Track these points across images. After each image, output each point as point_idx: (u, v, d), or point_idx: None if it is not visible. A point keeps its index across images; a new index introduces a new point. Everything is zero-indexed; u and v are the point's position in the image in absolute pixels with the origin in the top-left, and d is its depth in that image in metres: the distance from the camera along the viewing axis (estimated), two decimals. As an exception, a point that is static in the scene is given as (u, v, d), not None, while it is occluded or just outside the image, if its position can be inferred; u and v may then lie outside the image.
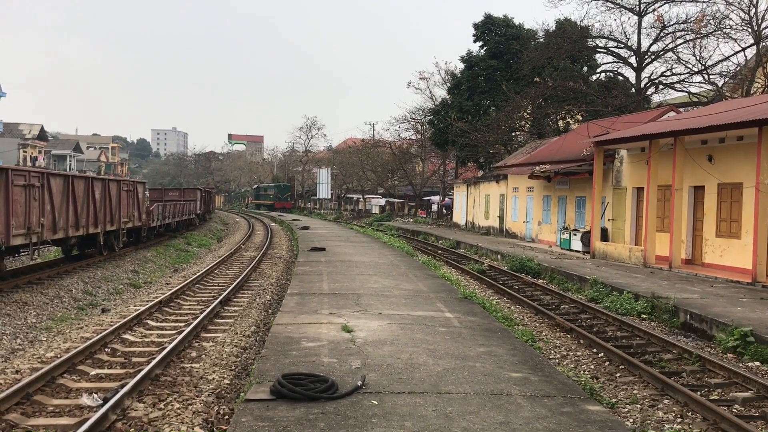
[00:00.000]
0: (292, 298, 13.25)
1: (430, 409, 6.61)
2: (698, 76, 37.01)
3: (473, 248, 30.99)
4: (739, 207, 19.50)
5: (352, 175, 77.03)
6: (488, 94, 47.53)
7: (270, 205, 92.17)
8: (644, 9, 38.48)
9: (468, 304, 13.28)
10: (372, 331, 10.21)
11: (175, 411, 7.87)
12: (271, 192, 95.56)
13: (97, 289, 17.26)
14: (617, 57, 41.12)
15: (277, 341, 9.40)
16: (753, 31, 33.17)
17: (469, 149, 47.09)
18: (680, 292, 15.64)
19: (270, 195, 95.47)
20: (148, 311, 13.90)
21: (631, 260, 22.53)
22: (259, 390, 7.14)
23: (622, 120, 28.54)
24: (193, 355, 10.61)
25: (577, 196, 29.23)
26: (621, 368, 10.59)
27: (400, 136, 68.36)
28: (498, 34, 47.65)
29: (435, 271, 19.67)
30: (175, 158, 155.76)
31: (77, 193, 18.47)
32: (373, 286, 15.21)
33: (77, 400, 8.23)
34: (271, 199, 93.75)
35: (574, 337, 12.90)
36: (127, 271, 20.81)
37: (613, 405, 8.74)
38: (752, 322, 12.20)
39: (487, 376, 7.83)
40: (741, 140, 19.36)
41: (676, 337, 12.89)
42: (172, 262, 25.21)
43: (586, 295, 17.33)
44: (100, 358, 10.33)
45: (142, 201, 26.38)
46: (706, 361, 10.53)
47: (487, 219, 41.52)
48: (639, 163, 24.19)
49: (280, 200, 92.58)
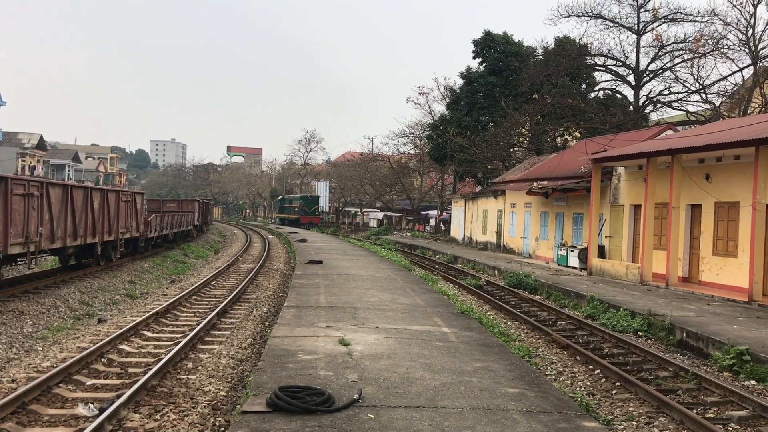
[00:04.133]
0: (289, 311, 13.24)
1: (426, 423, 6.61)
2: (696, 95, 37.28)
3: (471, 263, 31.00)
4: (736, 226, 19.57)
5: (351, 188, 77.12)
6: (487, 110, 47.73)
7: (295, 219, 78.80)
8: (643, 28, 38.76)
9: (465, 319, 13.28)
10: (369, 344, 10.21)
11: (171, 422, 7.87)
12: (296, 205, 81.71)
13: (94, 299, 17.24)
14: (616, 75, 41.36)
15: (273, 353, 9.40)
16: (750, 51, 33.42)
17: (468, 164, 47.23)
18: (677, 310, 15.66)
19: (295, 208, 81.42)
20: (145, 322, 13.88)
21: (628, 277, 22.55)
22: (255, 402, 7.14)
23: (620, 138, 28.66)
24: (189, 367, 10.59)
25: (575, 213, 29.30)
26: (617, 385, 10.59)
27: (398, 150, 68.64)
28: (497, 51, 47.92)
29: (432, 286, 19.67)
30: (174, 169, 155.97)
31: (76, 202, 18.49)
32: (370, 300, 15.21)
33: (73, 410, 8.22)
34: (296, 212, 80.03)
35: (571, 354, 12.90)
36: (124, 281, 20.79)
37: (609, 422, 8.74)
38: (748, 340, 12.22)
39: (483, 392, 7.83)
40: (738, 159, 19.46)
41: (672, 354, 12.90)
42: (170, 273, 25.18)
43: (583, 312, 17.34)
44: (96, 368, 10.32)
45: (140, 212, 26.40)
46: (702, 379, 10.54)
47: (485, 234, 41.55)
48: (636, 180, 24.28)
49: (306, 214, 78.21)
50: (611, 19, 39.36)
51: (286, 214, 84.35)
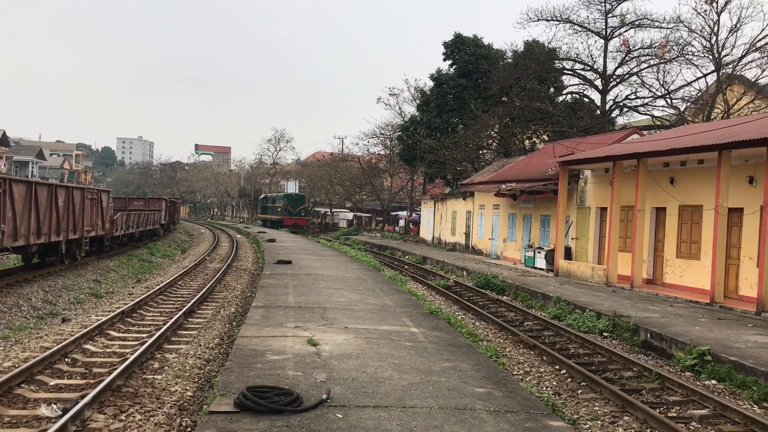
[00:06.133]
0: (258, 311, 13.17)
1: (394, 423, 6.63)
2: (661, 100, 38.03)
3: (439, 264, 31.14)
4: (699, 229, 19.96)
5: (320, 188, 76.98)
6: (457, 112, 48.00)
7: (278, 221, 69.85)
8: (610, 33, 39.38)
9: (433, 320, 13.34)
10: (338, 344, 10.21)
11: (137, 422, 7.77)
12: (279, 204, 72.02)
13: (58, 299, 16.95)
14: (583, 79, 41.93)
15: (241, 354, 9.34)
16: (714, 58, 34.15)
17: (437, 166, 47.45)
18: (641, 311, 15.92)
19: (278, 208, 71.98)
20: (110, 321, 13.69)
21: (593, 279, 22.86)
22: (222, 402, 7.09)
23: (587, 141, 29.06)
24: (155, 367, 10.47)
25: (542, 215, 29.61)
26: (583, 385, 10.73)
27: (369, 151, 68.73)
28: (467, 54, 48.23)
29: (401, 286, 19.72)
30: (141, 167, 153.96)
31: (40, 200, 18.15)
32: (339, 300, 15.19)
33: (35, 410, 8.07)
34: (280, 213, 70.67)
35: (537, 354, 13.04)
36: (89, 280, 20.47)
37: (575, 421, 8.86)
38: (710, 341, 12.48)
39: (451, 391, 7.88)
40: (701, 164, 19.85)
41: (636, 355, 13.11)
42: (136, 273, 24.87)
43: (550, 313, 17.53)
44: (59, 368, 10.14)
45: (106, 210, 26.02)
46: (665, 379, 10.73)
47: (454, 235, 41.77)
48: (603, 183, 24.63)
49: (291, 215, 69.10)
50: (580, 24, 39.95)
51: (269, 215, 75.57)
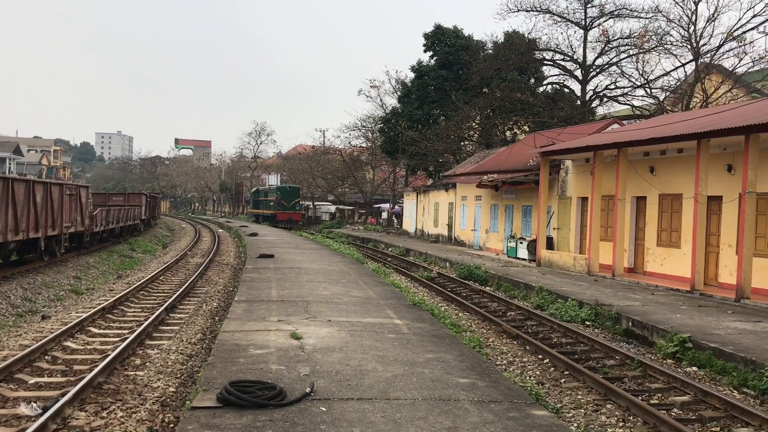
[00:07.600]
0: (240, 305, 13.09)
1: (378, 415, 6.62)
2: (641, 90, 38.29)
3: (422, 256, 31.17)
4: (679, 217, 20.13)
5: (302, 181, 76.60)
6: (438, 104, 48.00)
7: (270, 216, 63.96)
8: (590, 23, 39.51)
9: (417, 311, 13.35)
10: (321, 338, 10.17)
11: (119, 419, 7.70)
12: (272, 198, 65.29)
13: (37, 296, 16.75)
14: (563, 70, 42.08)
15: (224, 348, 9.28)
16: (692, 47, 34.37)
17: (419, 158, 47.46)
18: (623, 300, 16.04)
19: (270, 202, 65.33)
20: (91, 318, 13.55)
21: (575, 268, 22.99)
22: (205, 397, 7.03)
23: (568, 131, 29.17)
24: (137, 363, 10.38)
25: (524, 205, 29.72)
26: (566, 374, 10.79)
27: (350, 143, 68.54)
28: (448, 45, 48.21)
29: (385, 279, 19.70)
30: (120, 162, 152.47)
31: (17, 196, 17.90)
32: (322, 293, 15.15)
33: (15, 409, 7.97)
34: (272, 207, 64.06)
35: (521, 344, 13.09)
36: (69, 277, 20.25)
37: (558, 410, 8.90)
38: (690, 328, 12.60)
39: (435, 382, 7.88)
40: (681, 153, 20.00)
41: (618, 343, 13.20)
42: (116, 269, 24.64)
43: (532, 303, 17.61)
44: (39, 366, 10.02)
45: (85, 206, 25.74)
46: (647, 367, 10.82)
47: (437, 227, 41.84)
48: (584, 173, 24.75)
49: (285, 209, 62.37)
50: (559, 14, 40.03)
51: (261, 210, 69.24)
